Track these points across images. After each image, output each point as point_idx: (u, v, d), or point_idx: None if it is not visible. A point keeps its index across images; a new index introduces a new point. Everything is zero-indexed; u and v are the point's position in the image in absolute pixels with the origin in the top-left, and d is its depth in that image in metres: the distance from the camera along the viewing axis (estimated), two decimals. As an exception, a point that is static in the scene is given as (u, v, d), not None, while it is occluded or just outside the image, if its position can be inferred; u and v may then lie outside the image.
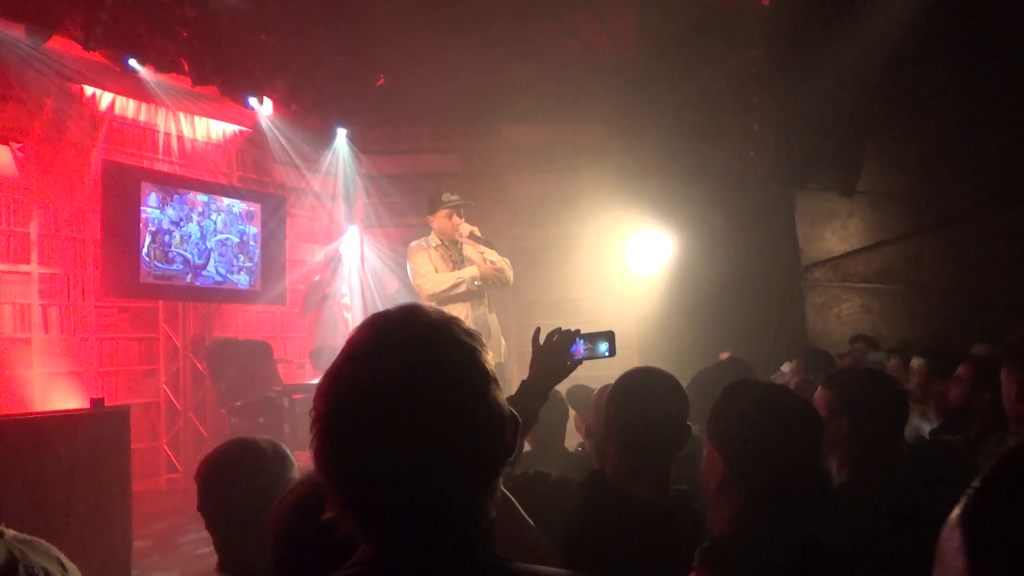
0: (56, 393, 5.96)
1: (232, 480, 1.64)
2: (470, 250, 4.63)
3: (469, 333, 0.89)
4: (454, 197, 4.62)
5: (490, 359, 0.89)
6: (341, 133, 8.37)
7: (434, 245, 4.65)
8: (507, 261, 4.71)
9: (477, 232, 4.61)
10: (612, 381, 2.88)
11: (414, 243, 4.70)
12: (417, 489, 0.80)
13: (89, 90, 6.52)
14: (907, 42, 5.26)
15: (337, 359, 0.86)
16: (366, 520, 0.82)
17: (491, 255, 4.62)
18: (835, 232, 6.72)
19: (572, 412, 3.07)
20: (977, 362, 2.93)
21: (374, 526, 0.82)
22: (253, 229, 7.45)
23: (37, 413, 4.62)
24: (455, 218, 4.59)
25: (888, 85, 5.69)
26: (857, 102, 5.87)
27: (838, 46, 5.65)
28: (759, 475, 1.40)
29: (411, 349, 0.84)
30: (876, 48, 5.35)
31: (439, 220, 4.63)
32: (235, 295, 7.39)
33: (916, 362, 3.54)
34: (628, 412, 1.78)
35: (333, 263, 7.68)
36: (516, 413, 0.90)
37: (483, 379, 0.86)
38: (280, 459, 1.69)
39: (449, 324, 0.88)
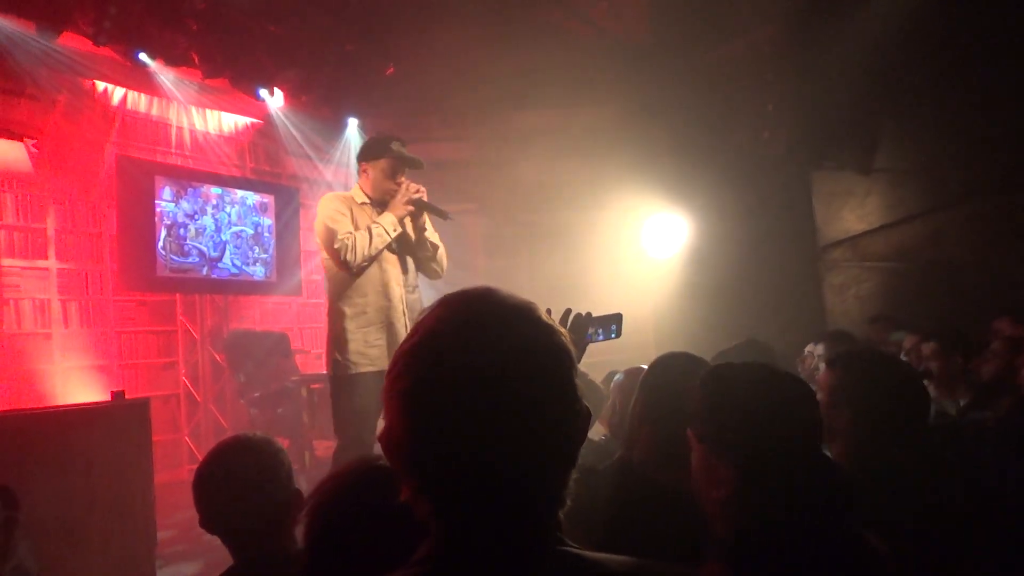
0: (77, 387, 6.03)
1: (230, 491, 1.63)
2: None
3: (549, 316, 0.87)
4: (404, 149, 3.54)
5: (571, 344, 0.87)
6: (352, 123, 8.36)
7: (359, 201, 3.53)
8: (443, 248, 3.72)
9: (424, 196, 3.50)
10: (629, 366, 2.88)
11: (329, 194, 3.60)
12: (501, 472, 0.79)
13: (101, 85, 6.55)
14: (925, 15, 5.16)
15: (412, 336, 0.84)
16: (444, 502, 0.81)
17: (432, 236, 3.61)
18: (853, 211, 6.63)
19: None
20: (1011, 338, 2.88)
21: (451, 509, 0.81)
22: (267, 221, 7.47)
23: (58, 407, 4.66)
24: (400, 177, 3.51)
25: (906, 60, 5.59)
26: (874, 78, 5.78)
27: (854, 21, 5.56)
28: (774, 478, 1.29)
29: (499, 328, 0.82)
30: (893, 22, 5.26)
31: (376, 171, 3.52)
32: (251, 287, 7.42)
33: (928, 346, 3.48)
34: (661, 397, 1.76)
35: None
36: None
37: (570, 364, 0.85)
38: (274, 454, 1.68)
39: (531, 306, 0.87)
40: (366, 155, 3.57)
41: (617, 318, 1.90)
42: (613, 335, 1.90)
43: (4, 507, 1.65)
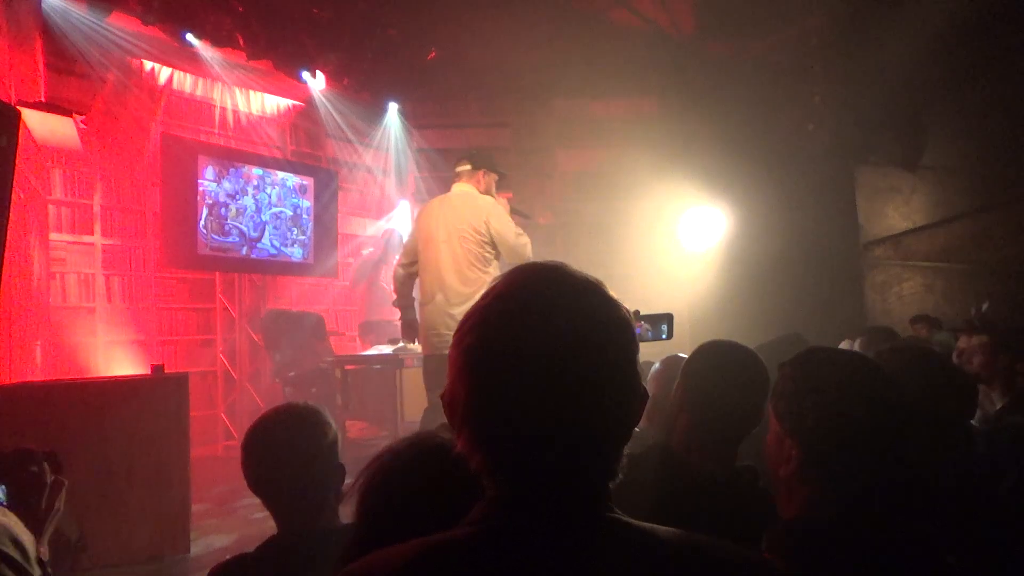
0: (118, 360, 6.14)
1: (278, 449, 1.65)
2: None
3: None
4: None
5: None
6: (392, 107, 8.38)
7: None
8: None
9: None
10: (666, 356, 2.84)
11: (489, 198, 4.07)
12: (557, 439, 0.79)
13: (148, 65, 6.64)
14: (974, 7, 4.99)
15: (484, 299, 0.86)
16: (498, 465, 0.82)
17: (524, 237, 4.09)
18: (897, 208, 6.49)
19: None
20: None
21: (505, 471, 0.82)
22: (306, 203, 7.53)
23: (100, 378, 4.76)
24: (495, 190, 4.14)
25: (955, 53, 5.42)
26: (924, 71, 5.61)
27: (904, 12, 5.41)
28: (840, 464, 1.28)
29: (568, 296, 0.84)
30: (944, 14, 5.10)
31: (489, 180, 4.12)
32: (289, 267, 7.49)
33: (979, 339, 3.37)
34: (703, 383, 1.72)
35: (390, 244, 7.73)
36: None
37: (634, 341, 0.86)
38: (322, 424, 1.70)
39: (601, 283, 0.88)
40: (489, 164, 4.11)
41: (668, 318, 1.85)
42: (664, 336, 1.85)
43: (53, 471, 1.69)
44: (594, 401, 0.80)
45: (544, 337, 0.79)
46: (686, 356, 1.91)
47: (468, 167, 4.10)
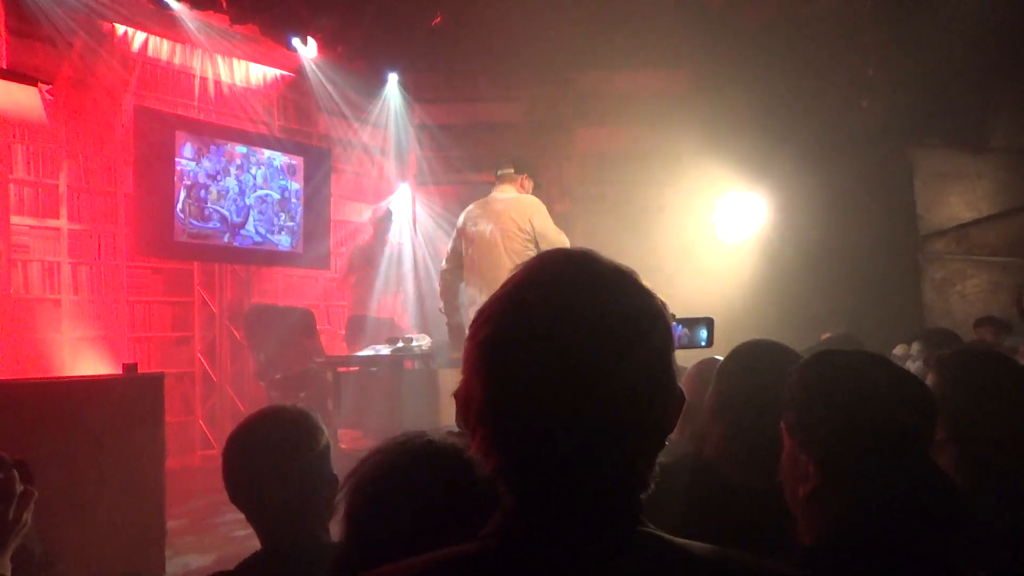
0: (85, 358, 6.18)
1: (264, 457, 1.66)
2: None
3: None
4: None
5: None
6: (392, 79, 8.38)
7: None
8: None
9: None
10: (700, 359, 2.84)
11: (532, 197, 4.83)
12: (581, 442, 0.79)
13: (121, 29, 6.66)
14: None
15: (504, 287, 0.86)
16: (517, 461, 0.81)
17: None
18: (960, 196, 6.46)
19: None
20: None
21: (525, 471, 0.81)
22: (295, 185, 7.55)
23: (67, 377, 4.78)
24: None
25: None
26: (992, 40, 5.57)
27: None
28: (862, 483, 1.27)
29: (595, 285, 0.83)
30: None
31: (528, 186, 4.87)
32: (275, 257, 7.51)
33: None
34: (740, 387, 1.72)
35: (382, 224, 7.72)
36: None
37: (669, 336, 0.86)
38: (312, 429, 1.71)
39: (633, 271, 0.88)
40: (531, 171, 4.94)
41: (707, 322, 1.83)
42: (703, 343, 1.84)
43: (23, 480, 1.71)
44: (624, 400, 0.79)
45: (568, 328, 0.79)
46: (721, 359, 1.91)
47: (511, 170, 4.84)
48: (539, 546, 0.79)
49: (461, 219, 4.92)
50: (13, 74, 5.09)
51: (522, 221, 4.58)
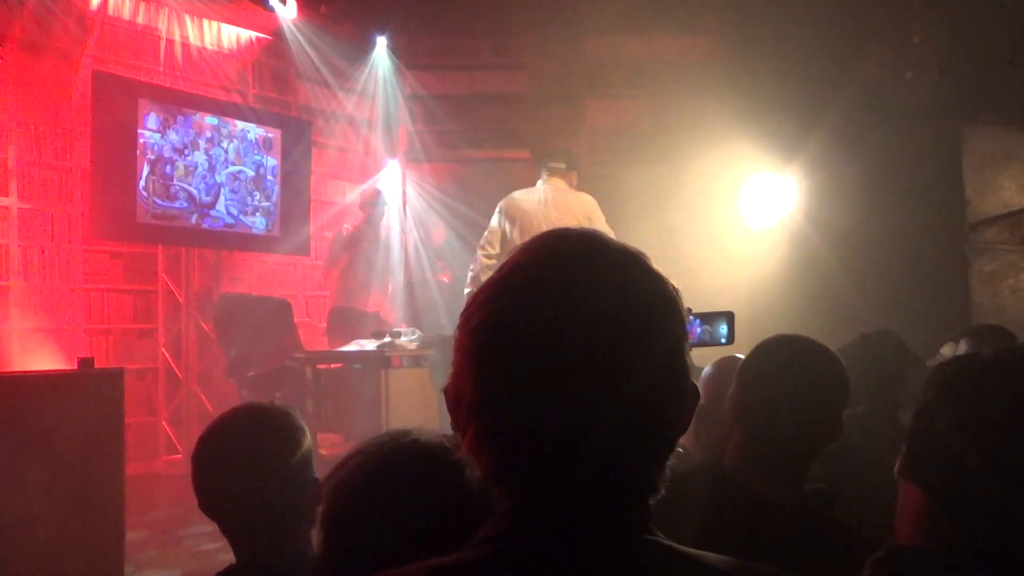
0: (36, 352, 6.16)
1: (238, 460, 1.65)
2: None
3: None
4: None
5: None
6: (381, 43, 8.36)
7: None
8: None
9: None
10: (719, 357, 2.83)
11: (588, 195, 5.49)
12: (583, 440, 0.78)
13: (78, -16, 6.64)
14: None
15: (499, 271, 0.86)
16: (512, 460, 0.81)
17: None
18: (1015, 179, 6.46)
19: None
20: None
21: (520, 471, 0.81)
22: (272, 161, 7.53)
23: (14, 372, 4.77)
24: None
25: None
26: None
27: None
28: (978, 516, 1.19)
29: (601, 266, 0.84)
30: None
31: (575, 182, 5.56)
32: (249, 241, 7.50)
33: None
34: (764, 388, 1.72)
35: (373, 208, 7.69)
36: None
37: (682, 324, 0.86)
38: (292, 430, 1.71)
39: (643, 253, 0.88)
40: (579, 168, 5.72)
41: (727, 316, 1.84)
42: (723, 340, 1.84)
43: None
44: (633, 394, 0.78)
45: (572, 313, 0.79)
46: (744, 358, 1.90)
47: (563, 165, 5.50)
48: (537, 553, 0.80)
49: (504, 203, 5.44)
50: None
51: (582, 217, 5.15)
